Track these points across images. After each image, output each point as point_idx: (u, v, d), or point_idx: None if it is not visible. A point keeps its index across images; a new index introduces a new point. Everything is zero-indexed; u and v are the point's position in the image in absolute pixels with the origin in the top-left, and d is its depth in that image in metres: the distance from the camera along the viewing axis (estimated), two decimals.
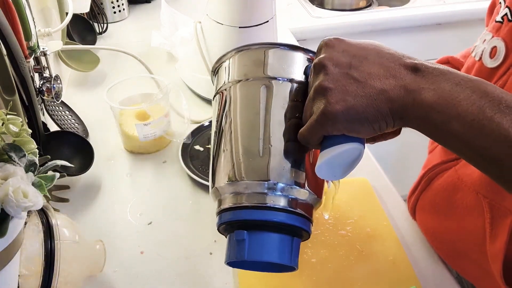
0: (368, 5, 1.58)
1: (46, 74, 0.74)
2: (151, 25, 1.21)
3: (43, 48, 0.73)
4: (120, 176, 0.77)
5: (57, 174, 0.42)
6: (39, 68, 0.73)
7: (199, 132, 0.84)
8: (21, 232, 0.40)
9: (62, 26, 0.91)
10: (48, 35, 0.87)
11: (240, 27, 0.85)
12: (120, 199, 0.73)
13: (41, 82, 0.72)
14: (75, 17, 1.07)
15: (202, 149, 0.81)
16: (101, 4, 1.26)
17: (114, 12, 1.31)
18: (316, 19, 1.36)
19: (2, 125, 0.39)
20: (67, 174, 0.71)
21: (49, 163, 0.44)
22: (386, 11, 1.45)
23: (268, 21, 0.87)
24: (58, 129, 0.80)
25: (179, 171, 0.77)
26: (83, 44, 1.10)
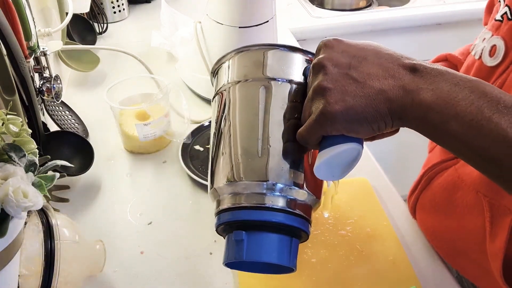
0: (368, 5, 1.58)
1: (46, 74, 0.74)
2: (151, 25, 1.21)
3: (43, 48, 0.73)
4: (120, 176, 0.78)
5: (57, 174, 0.42)
6: (39, 68, 0.73)
7: (199, 132, 0.84)
8: (21, 232, 0.40)
9: (62, 26, 0.91)
10: (48, 35, 0.87)
11: (240, 27, 0.85)
12: (120, 199, 0.73)
13: (41, 82, 0.72)
14: (75, 17, 1.07)
15: (202, 149, 0.81)
16: (101, 4, 1.26)
17: (114, 12, 1.31)
18: (316, 19, 1.36)
19: (2, 125, 0.39)
20: (67, 174, 0.71)
21: (49, 163, 0.44)
22: (386, 11, 1.45)
23: (268, 21, 0.87)
24: (58, 129, 0.80)
25: (179, 171, 0.77)
26: (83, 44, 1.10)
